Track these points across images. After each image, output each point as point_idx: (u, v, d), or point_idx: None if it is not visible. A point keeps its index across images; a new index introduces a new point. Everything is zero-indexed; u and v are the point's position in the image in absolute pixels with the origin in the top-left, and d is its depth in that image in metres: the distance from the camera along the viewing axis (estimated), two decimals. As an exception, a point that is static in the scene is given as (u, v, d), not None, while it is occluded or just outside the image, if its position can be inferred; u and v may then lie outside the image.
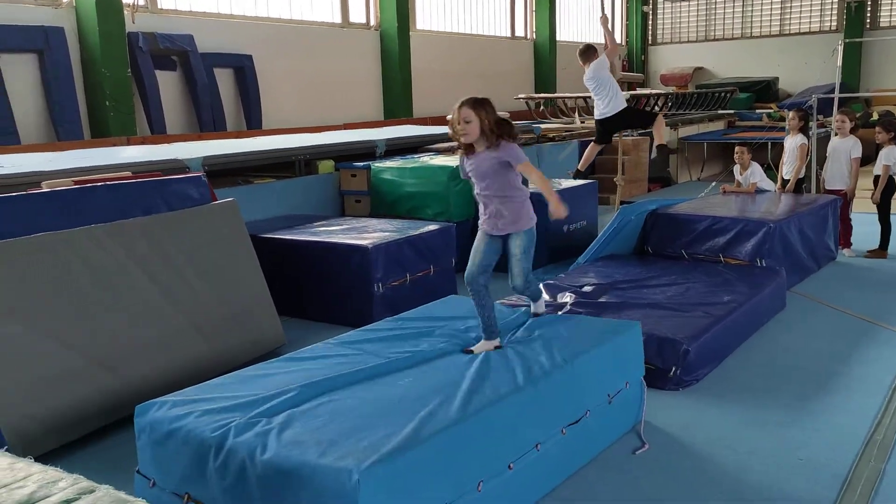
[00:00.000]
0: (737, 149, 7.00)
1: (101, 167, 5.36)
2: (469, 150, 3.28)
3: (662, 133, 7.48)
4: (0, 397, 3.15)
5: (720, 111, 15.16)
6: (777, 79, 18.85)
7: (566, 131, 10.94)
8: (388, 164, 6.89)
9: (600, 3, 8.84)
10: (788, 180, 7.18)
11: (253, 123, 10.88)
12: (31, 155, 6.89)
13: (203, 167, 5.85)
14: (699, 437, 3.28)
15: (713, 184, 11.06)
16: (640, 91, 15.46)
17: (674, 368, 3.77)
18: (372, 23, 13.28)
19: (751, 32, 20.22)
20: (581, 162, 7.49)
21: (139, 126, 9.36)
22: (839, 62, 9.72)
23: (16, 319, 3.32)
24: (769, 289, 4.86)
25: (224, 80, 10.63)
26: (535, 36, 17.52)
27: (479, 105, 3.18)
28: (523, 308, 3.82)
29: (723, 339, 4.16)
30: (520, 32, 17.40)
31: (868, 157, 7.58)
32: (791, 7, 19.61)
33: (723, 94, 15.46)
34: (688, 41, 21.11)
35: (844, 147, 6.82)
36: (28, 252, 3.50)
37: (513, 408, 2.70)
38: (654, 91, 15.53)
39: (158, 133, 9.43)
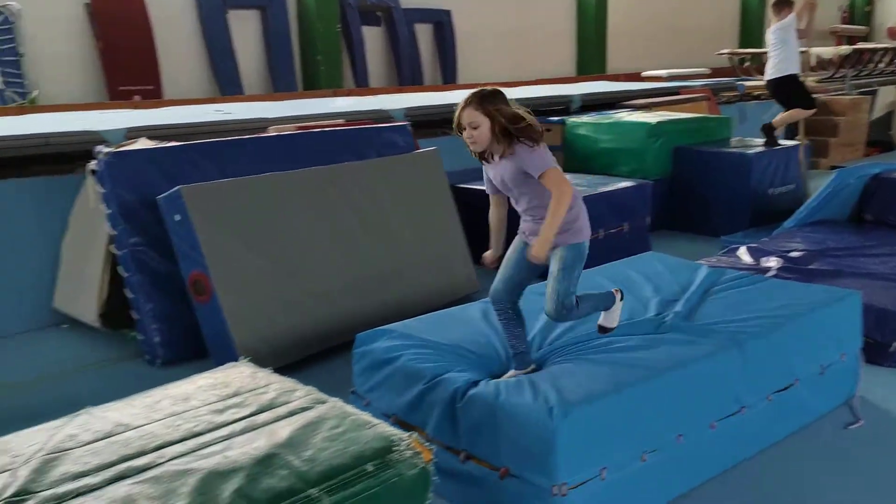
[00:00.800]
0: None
1: (317, 115, 5.77)
2: (486, 156, 2.62)
3: (786, 120, 6.72)
4: (236, 316, 3.55)
5: (960, 69, 13.36)
6: None
7: (774, 89, 10.16)
8: (584, 119, 6.81)
9: None
10: None
11: (448, 78, 11.14)
12: (253, 104, 7.54)
13: (406, 117, 6.11)
14: (921, 419, 3.03)
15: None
16: (862, 45, 13.98)
17: None
18: (569, -24, 13.03)
19: None
20: (777, 118, 6.84)
21: (345, 79, 9.91)
22: None
23: (250, 250, 3.70)
24: None
25: (423, 35, 10.94)
26: (743, -14, 16.34)
27: (487, 102, 2.50)
28: (726, 268, 3.67)
29: (956, 318, 3.76)
30: (726, -17, 16.28)
31: None
32: None
33: (965, 50, 13.56)
34: (925, -11, 18.70)
35: None
36: (260, 190, 3.87)
37: (716, 367, 2.65)
38: (879, 45, 13.98)
39: (362, 86, 9.94)
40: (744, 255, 4.52)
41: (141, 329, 3.79)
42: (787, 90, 6.63)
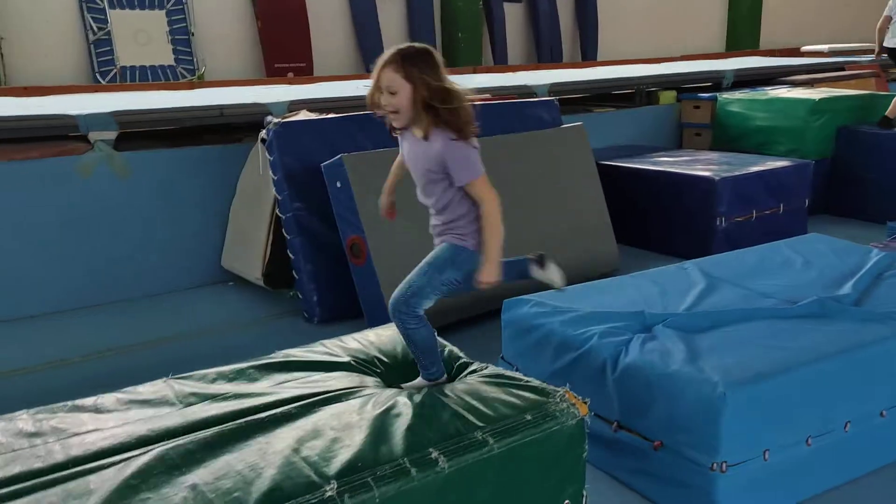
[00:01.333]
0: None
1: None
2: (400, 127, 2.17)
3: None
4: (389, 279, 3.68)
5: None
6: None
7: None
8: (737, 95, 6.52)
9: None
10: None
11: (588, 55, 10.96)
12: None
13: (549, 93, 6.09)
14: None
15: None
16: None
17: None
18: (722, -54, 12.42)
19: None
20: (890, 108, 6.19)
21: (484, 56, 9.96)
22: None
23: (403, 216, 3.79)
24: None
25: (564, 10, 10.80)
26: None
27: (411, 63, 2.01)
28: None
29: None
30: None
31: None
32: None
33: None
34: None
35: None
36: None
37: (890, 352, 2.50)
38: None
39: (500, 63, 9.96)
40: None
41: (300, 288, 4.03)
42: None
